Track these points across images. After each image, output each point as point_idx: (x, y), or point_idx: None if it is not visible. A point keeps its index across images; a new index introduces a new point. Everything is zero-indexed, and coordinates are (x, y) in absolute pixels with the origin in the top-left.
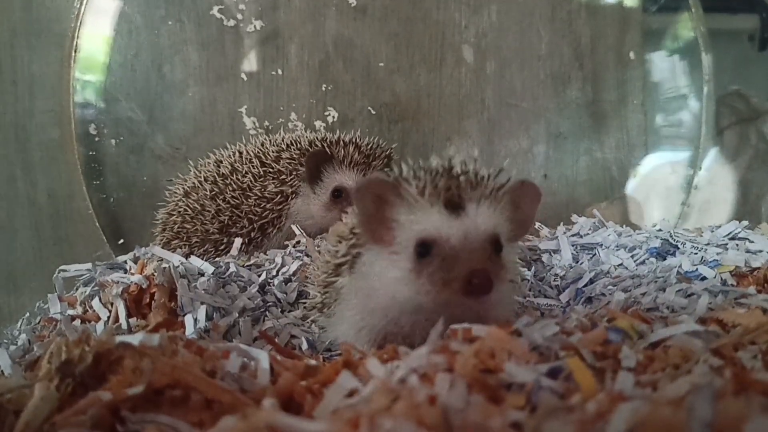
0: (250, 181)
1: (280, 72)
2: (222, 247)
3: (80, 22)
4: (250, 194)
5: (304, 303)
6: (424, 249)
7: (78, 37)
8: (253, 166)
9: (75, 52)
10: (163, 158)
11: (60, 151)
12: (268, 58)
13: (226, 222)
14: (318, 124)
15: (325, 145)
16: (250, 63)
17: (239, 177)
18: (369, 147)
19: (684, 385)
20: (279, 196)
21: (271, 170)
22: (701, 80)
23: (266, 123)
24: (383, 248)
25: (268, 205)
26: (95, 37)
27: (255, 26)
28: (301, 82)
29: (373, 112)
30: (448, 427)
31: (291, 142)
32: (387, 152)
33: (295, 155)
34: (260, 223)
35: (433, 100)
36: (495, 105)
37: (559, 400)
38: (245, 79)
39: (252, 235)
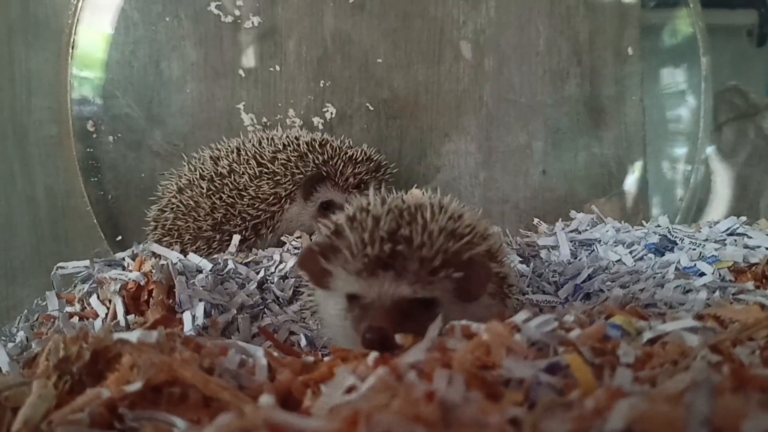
0: (246, 181)
1: (278, 68)
2: (214, 244)
3: (77, 19)
4: (245, 194)
5: (300, 298)
6: (351, 298)
7: (75, 33)
8: (249, 166)
9: (72, 48)
10: (161, 155)
11: (58, 147)
12: (266, 54)
13: (219, 219)
14: (316, 120)
15: (325, 156)
16: (248, 59)
17: (236, 177)
18: (367, 172)
19: (682, 381)
20: (273, 197)
21: (266, 170)
22: (699, 76)
23: (264, 119)
24: (329, 293)
25: (261, 206)
26: (92, 33)
27: (253, 22)
28: (299, 78)
29: (371, 108)
30: (446, 424)
31: (287, 142)
32: (383, 173)
33: (292, 157)
34: (253, 223)
35: (431, 95)
36: (493, 101)
37: (558, 396)
38: (243, 75)
39: (245, 234)
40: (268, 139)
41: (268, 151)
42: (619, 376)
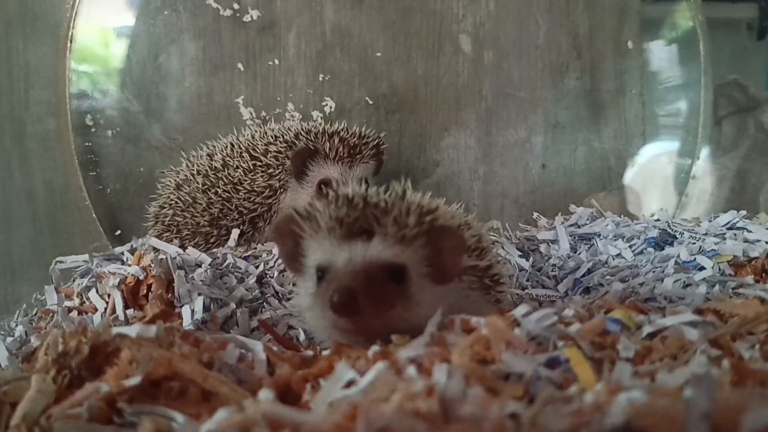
0: (241, 174)
1: (277, 62)
2: (212, 239)
3: (75, 12)
4: (240, 188)
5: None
6: (322, 273)
7: (73, 27)
8: (243, 160)
9: (70, 42)
10: (160, 149)
11: (56, 142)
12: (265, 47)
13: (216, 215)
14: (315, 114)
15: (311, 137)
16: (247, 53)
17: (230, 171)
18: (355, 138)
19: (682, 376)
20: (268, 190)
21: (259, 163)
22: (699, 70)
23: (263, 113)
24: (301, 277)
25: (257, 199)
26: (91, 27)
27: (252, 16)
28: (298, 72)
29: (371, 102)
30: (446, 418)
31: (278, 134)
32: (375, 142)
33: (281, 149)
34: (250, 217)
35: (430, 89)
36: (493, 95)
37: (558, 390)
38: (242, 69)
39: (243, 228)
40: (261, 132)
41: (260, 144)
42: (619, 370)
